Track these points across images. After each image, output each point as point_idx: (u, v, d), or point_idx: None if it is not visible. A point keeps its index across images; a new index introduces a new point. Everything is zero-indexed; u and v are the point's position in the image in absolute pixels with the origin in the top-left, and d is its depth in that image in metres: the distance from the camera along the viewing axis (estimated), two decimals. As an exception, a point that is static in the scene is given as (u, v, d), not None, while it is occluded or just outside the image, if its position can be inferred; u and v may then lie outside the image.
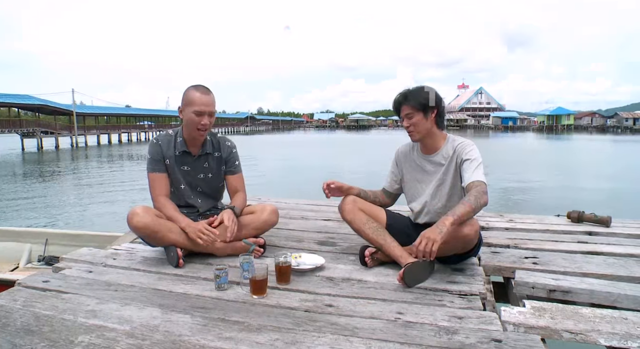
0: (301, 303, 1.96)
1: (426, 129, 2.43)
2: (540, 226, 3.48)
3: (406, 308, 1.90)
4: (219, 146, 2.75)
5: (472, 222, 2.16)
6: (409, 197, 2.64)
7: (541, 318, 1.81)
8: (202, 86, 2.55)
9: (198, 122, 2.51)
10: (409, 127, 2.43)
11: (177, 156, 2.63)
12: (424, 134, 2.44)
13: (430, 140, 2.48)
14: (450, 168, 2.43)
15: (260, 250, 2.61)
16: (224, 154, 2.75)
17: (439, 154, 2.48)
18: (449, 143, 2.47)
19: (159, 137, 2.66)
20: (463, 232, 2.14)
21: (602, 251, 2.78)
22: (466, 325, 1.74)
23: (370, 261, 2.41)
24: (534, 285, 2.19)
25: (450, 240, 2.14)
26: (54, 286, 2.16)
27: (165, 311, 1.86)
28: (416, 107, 2.38)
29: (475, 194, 2.15)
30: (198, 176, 2.71)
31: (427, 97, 2.39)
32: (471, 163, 2.31)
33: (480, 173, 2.28)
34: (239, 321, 1.77)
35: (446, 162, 2.44)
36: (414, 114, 2.39)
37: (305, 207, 4.15)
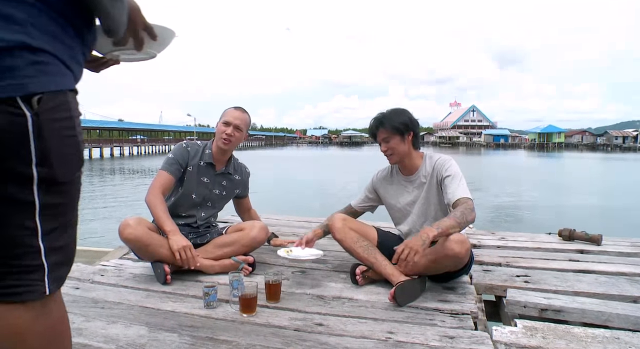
0: (291, 321, 1.93)
1: (404, 151, 2.46)
2: (531, 244, 3.48)
3: (397, 327, 1.87)
4: (240, 170, 2.86)
5: (463, 240, 2.15)
6: (396, 220, 2.66)
7: (533, 337, 1.79)
8: (241, 107, 2.69)
9: (223, 131, 2.60)
10: (386, 151, 2.48)
11: (201, 166, 2.67)
12: (402, 156, 2.48)
13: (408, 161, 2.52)
14: (432, 186, 2.45)
15: (249, 269, 2.59)
16: (243, 180, 2.88)
17: (418, 173, 2.52)
18: (427, 161, 2.51)
19: (189, 144, 2.70)
20: (454, 251, 2.12)
21: (594, 269, 2.77)
22: (457, 345, 1.72)
23: (361, 279, 2.39)
24: (525, 304, 2.18)
25: (441, 259, 2.15)
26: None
27: (152, 329, 1.83)
28: (392, 131, 2.42)
29: (462, 210, 2.17)
30: (214, 191, 2.74)
31: (402, 120, 2.43)
32: (452, 179, 2.33)
33: (464, 189, 2.29)
34: (228, 340, 1.74)
35: (427, 180, 2.48)
36: (391, 137, 2.43)
37: (296, 224, 4.13)
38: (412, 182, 2.53)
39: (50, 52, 0.85)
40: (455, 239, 2.12)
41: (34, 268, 0.87)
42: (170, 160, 2.60)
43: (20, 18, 0.81)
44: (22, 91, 0.80)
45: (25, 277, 0.87)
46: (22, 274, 0.86)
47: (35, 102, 0.82)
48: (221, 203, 2.83)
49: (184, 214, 2.69)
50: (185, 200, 2.66)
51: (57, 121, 0.86)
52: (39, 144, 0.83)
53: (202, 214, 2.74)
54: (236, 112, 2.63)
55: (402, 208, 2.56)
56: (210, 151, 2.68)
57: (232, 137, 2.60)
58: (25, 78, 0.80)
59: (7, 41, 0.78)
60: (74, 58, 0.94)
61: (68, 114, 0.89)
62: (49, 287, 0.90)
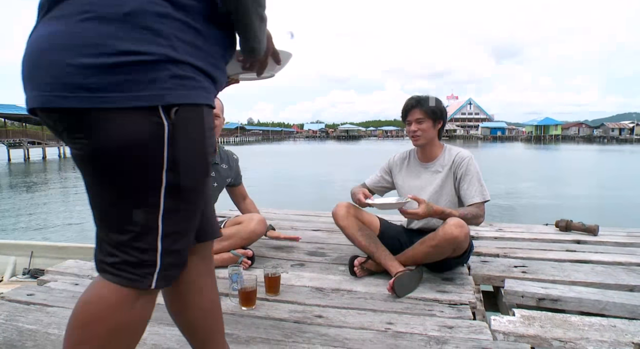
0: (290, 314, 1.94)
1: (431, 136, 2.50)
2: (529, 235, 3.50)
3: (396, 318, 1.89)
4: (227, 158, 2.82)
5: (462, 224, 2.20)
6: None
7: (531, 326, 1.81)
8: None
9: None
10: (416, 132, 2.48)
11: None
12: (427, 140, 2.50)
13: (430, 148, 2.55)
14: (448, 177, 2.47)
15: (248, 262, 2.59)
16: (232, 168, 2.84)
17: (436, 162, 2.54)
18: (446, 152, 2.54)
19: None
20: (453, 234, 2.16)
21: (590, 259, 2.79)
22: (456, 335, 1.73)
23: (359, 270, 2.40)
24: (523, 294, 2.20)
25: (441, 243, 2.19)
26: (39, 300, 2.12)
27: (152, 323, 1.83)
28: (428, 114, 2.45)
29: (472, 211, 2.29)
30: None
31: (440, 107, 2.48)
32: (472, 180, 2.38)
33: (481, 192, 2.37)
34: (228, 333, 1.74)
35: (444, 170, 2.50)
36: (425, 120, 2.46)
37: (294, 218, 4.14)
38: (428, 169, 2.55)
39: (192, 64, 0.94)
40: (454, 222, 2.18)
41: (149, 263, 0.98)
42: None
43: (167, 32, 0.90)
44: (162, 101, 0.90)
45: (140, 270, 0.98)
46: (138, 267, 0.97)
47: (173, 113, 0.91)
48: (215, 195, 2.79)
49: None
50: None
51: (189, 132, 0.96)
52: (171, 152, 0.93)
53: None
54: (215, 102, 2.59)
55: (412, 193, 2.58)
56: None
57: (215, 127, 2.57)
58: (166, 90, 0.90)
59: (153, 54, 0.88)
60: (217, 66, 1.02)
61: (200, 127, 0.98)
62: (155, 283, 0.99)
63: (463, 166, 2.42)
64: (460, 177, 2.40)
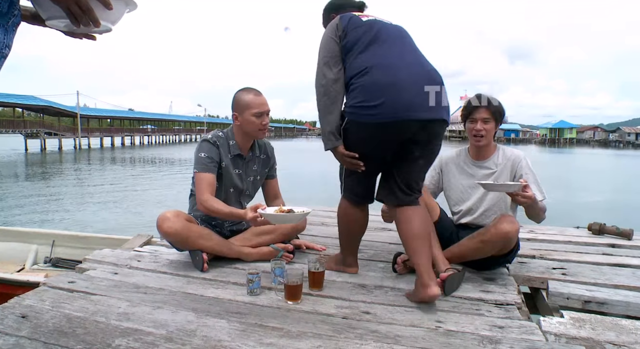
0: (337, 309, 1.93)
1: (492, 136, 2.49)
2: (562, 237, 3.46)
3: (445, 317, 1.87)
4: (265, 148, 2.76)
5: (514, 220, 2.22)
6: (454, 200, 2.63)
7: (582, 329, 1.78)
8: (252, 89, 2.57)
9: (260, 123, 2.51)
10: (480, 131, 2.44)
11: (231, 158, 2.59)
12: (489, 141, 2.49)
13: (487, 147, 2.53)
14: (502, 175, 2.45)
15: (290, 256, 2.58)
16: (269, 157, 2.79)
17: (489, 160, 2.53)
18: (500, 152, 2.53)
19: (214, 137, 2.56)
20: (505, 229, 2.17)
21: (629, 263, 2.75)
22: (508, 335, 1.71)
23: (401, 268, 2.39)
24: (568, 296, 2.17)
25: (492, 237, 2.21)
26: (81, 288, 2.13)
27: (199, 315, 1.84)
28: (495, 114, 2.44)
29: (543, 207, 2.32)
30: (248, 179, 2.70)
31: (503, 109, 2.48)
32: (530, 179, 2.35)
33: (541, 190, 2.37)
34: (277, 327, 1.74)
35: (498, 168, 2.48)
36: (491, 120, 2.44)
37: (323, 214, 4.12)
38: (480, 167, 2.53)
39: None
40: (506, 219, 2.20)
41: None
42: (205, 160, 2.50)
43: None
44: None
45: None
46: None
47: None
48: (257, 187, 2.79)
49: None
50: (226, 195, 2.62)
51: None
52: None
53: (244, 204, 2.74)
54: (260, 99, 2.52)
55: (463, 189, 2.56)
56: (235, 141, 2.60)
57: (268, 124, 2.57)
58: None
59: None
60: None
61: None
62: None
63: (522, 164, 2.42)
64: (520, 176, 2.37)
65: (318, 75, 2.11)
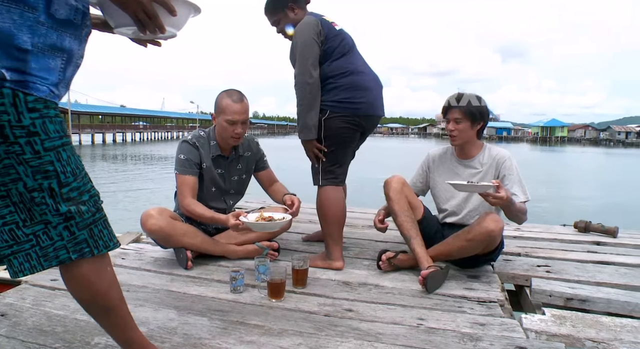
0: (320, 307, 1.93)
1: (468, 137, 2.46)
2: (547, 235, 3.48)
3: (427, 314, 1.88)
4: (249, 144, 2.71)
5: (498, 219, 2.21)
6: (441, 199, 2.62)
7: (562, 326, 1.80)
8: (235, 92, 2.47)
9: (232, 131, 2.45)
10: (452, 132, 2.45)
11: (212, 159, 2.56)
12: (464, 140, 2.47)
13: (468, 146, 2.51)
14: (488, 175, 2.44)
15: (275, 254, 2.58)
16: (254, 153, 2.73)
17: (475, 159, 2.51)
18: (486, 151, 2.50)
19: (194, 138, 2.54)
20: (489, 228, 2.17)
21: (613, 261, 2.77)
22: (489, 332, 1.72)
23: (386, 265, 2.39)
24: (551, 293, 2.19)
25: (477, 236, 2.20)
26: (63, 285, 2.10)
27: (181, 313, 1.83)
28: (466, 114, 2.41)
29: (522, 208, 2.28)
30: (232, 178, 2.67)
31: (479, 108, 2.42)
32: (514, 179, 2.36)
33: (524, 191, 2.35)
34: (259, 324, 1.74)
35: (483, 168, 2.47)
36: (463, 120, 2.41)
37: (311, 211, 4.08)
38: (466, 166, 2.52)
39: None
40: (491, 217, 2.20)
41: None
42: (185, 162, 2.47)
43: None
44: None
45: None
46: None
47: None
48: (244, 185, 2.77)
49: (212, 208, 2.58)
50: (209, 195, 2.61)
51: None
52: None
53: (230, 203, 2.73)
54: (236, 106, 2.42)
55: (448, 189, 2.55)
56: (215, 142, 2.56)
57: (241, 134, 2.49)
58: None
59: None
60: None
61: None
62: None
63: (506, 164, 2.39)
64: (503, 177, 2.37)
65: (304, 73, 2.35)
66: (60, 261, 1.10)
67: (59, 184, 1.07)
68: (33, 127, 1.02)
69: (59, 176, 1.07)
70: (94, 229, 1.13)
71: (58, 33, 1.05)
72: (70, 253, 1.10)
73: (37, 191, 1.05)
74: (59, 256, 1.09)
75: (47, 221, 1.07)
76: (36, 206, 1.05)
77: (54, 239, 1.08)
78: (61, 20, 1.06)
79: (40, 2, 1.00)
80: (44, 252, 1.08)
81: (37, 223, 1.06)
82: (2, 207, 1.05)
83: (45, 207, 1.06)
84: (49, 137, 1.04)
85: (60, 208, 1.07)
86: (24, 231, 1.06)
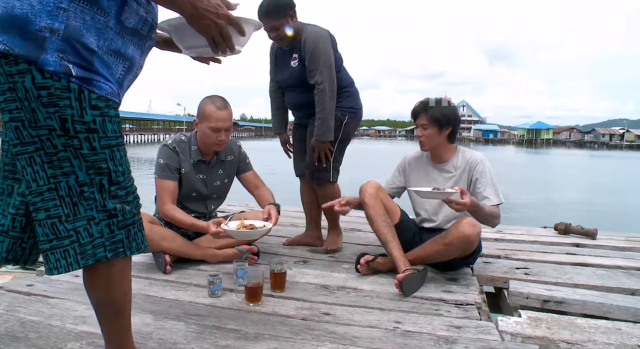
0: (297, 311, 1.93)
1: (437, 143, 2.47)
2: (528, 237, 3.51)
3: (404, 317, 1.88)
4: (231, 149, 2.69)
5: (475, 223, 2.22)
6: (416, 203, 2.63)
7: (538, 328, 1.81)
8: (219, 99, 2.47)
9: (215, 138, 2.45)
10: (420, 137, 2.47)
11: (193, 164, 2.54)
12: (433, 146, 2.49)
13: (439, 151, 2.52)
14: (462, 179, 2.45)
15: (255, 258, 2.57)
16: (235, 156, 2.72)
17: (449, 163, 2.52)
18: (460, 154, 2.51)
19: (175, 142, 2.53)
20: (466, 233, 2.18)
21: (591, 262, 2.80)
22: (465, 335, 1.73)
23: (364, 268, 2.39)
24: (528, 295, 2.20)
25: (454, 241, 2.21)
26: (39, 291, 2.09)
27: (157, 317, 1.82)
28: (432, 121, 2.41)
29: (492, 212, 2.29)
30: (214, 184, 2.66)
31: (445, 114, 2.42)
32: (486, 183, 2.37)
33: (496, 194, 2.35)
34: (235, 329, 1.73)
35: (456, 172, 2.48)
36: (429, 126, 2.42)
37: (293, 215, 4.11)
38: (441, 170, 2.53)
39: None
40: (467, 221, 2.20)
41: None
42: (164, 166, 2.46)
43: None
44: None
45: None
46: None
47: None
48: (226, 189, 2.76)
49: (193, 212, 2.61)
50: (189, 200, 2.60)
51: None
52: None
53: (211, 207, 2.72)
54: (220, 113, 2.42)
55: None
56: (197, 147, 2.55)
57: (224, 141, 2.49)
58: None
59: None
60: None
61: None
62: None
63: (478, 168, 2.40)
64: (476, 180, 2.38)
65: (330, 81, 2.64)
66: (97, 259, 1.11)
67: (110, 181, 1.09)
68: (93, 124, 1.05)
69: (111, 174, 1.09)
70: (131, 230, 1.15)
71: (124, 40, 1.11)
72: (107, 252, 1.11)
73: (87, 186, 1.07)
74: (96, 253, 1.10)
75: (92, 216, 1.09)
76: (84, 200, 1.07)
77: (94, 235, 1.09)
78: (129, 28, 1.11)
79: (113, 8, 1.06)
80: (82, 250, 1.09)
81: (81, 219, 1.08)
82: (49, 200, 1.06)
83: (92, 203, 1.08)
84: (107, 136, 1.08)
85: (107, 204, 1.09)
86: (66, 226, 1.07)
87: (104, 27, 1.05)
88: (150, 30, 1.19)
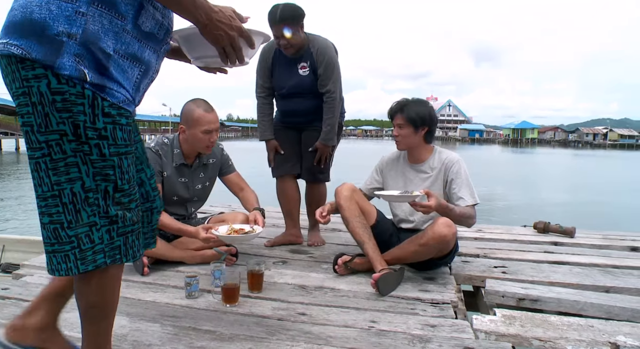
0: (274, 311, 1.93)
1: (412, 142, 2.48)
2: (508, 236, 3.55)
3: (379, 317, 1.89)
4: (213, 151, 2.68)
5: (450, 224, 2.23)
6: (394, 205, 2.64)
7: (512, 326, 1.83)
8: (202, 102, 2.48)
9: (207, 140, 2.46)
10: (397, 137, 2.49)
11: (175, 167, 2.54)
12: (409, 146, 2.50)
13: (416, 151, 2.54)
14: (436, 181, 2.47)
15: (233, 259, 2.57)
16: (218, 159, 2.73)
17: (425, 164, 2.53)
18: (436, 155, 2.53)
19: (157, 145, 2.52)
20: (442, 233, 2.19)
21: (568, 260, 2.84)
22: (439, 333, 1.75)
23: (342, 269, 2.40)
24: (504, 294, 2.23)
25: (430, 241, 2.22)
26: (14, 294, 2.07)
27: (133, 319, 1.81)
28: (408, 120, 2.43)
29: (469, 211, 2.32)
30: (196, 187, 2.66)
31: (421, 114, 2.43)
32: (462, 184, 2.39)
33: (471, 195, 2.37)
34: (211, 330, 1.73)
35: (433, 172, 2.49)
36: (405, 126, 2.44)
37: (275, 215, 4.09)
38: (417, 171, 2.54)
39: None
40: (443, 222, 2.22)
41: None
42: None
43: None
44: None
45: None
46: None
47: None
48: (207, 193, 2.76)
49: (173, 214, 2.59)
50: (169, 203, 2.58)
51: None
52: None
53: (191, 210, 2.73)
54: (210, 116, 2.45)
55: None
56: (179, 150, 2.55)
57: (215, 140, 2.53)
58: None
59: None
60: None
61: None
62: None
63: (453, 169, 2.42)
64: (451, 180, 2.40)
65: (340, 90, 2.92)
66: (96, 266, 1.11)
67: (115, 188, 1.11)
68: (104, 131, 1.06)
69: (117, 181, 1.10)
70: (129, 237, 1.16)
71: (140, 44, 1.12)
72: (106, 258, 1.12)
73: (92, 192, 1.08)
74: (96, 260, 1.11)
75: (94, 222, 1.09)
76: (88, 206, 1.08)
77: (95, 242, 1.10)
78: (146, 32, 1.13)
79: (130, 12, 1.08)
80: (83, 256, 1.09)
81: (83, 225, 1.09)
82: (52, 206, 1.07)
83: (96, 209, 1.09)
84: (116, 144, 1.09)
85: (109, 211, 1.10)
86: (67, 232, 1.08)
87: (121, 31, 1.06)
88: (166, 35, 1.21)
